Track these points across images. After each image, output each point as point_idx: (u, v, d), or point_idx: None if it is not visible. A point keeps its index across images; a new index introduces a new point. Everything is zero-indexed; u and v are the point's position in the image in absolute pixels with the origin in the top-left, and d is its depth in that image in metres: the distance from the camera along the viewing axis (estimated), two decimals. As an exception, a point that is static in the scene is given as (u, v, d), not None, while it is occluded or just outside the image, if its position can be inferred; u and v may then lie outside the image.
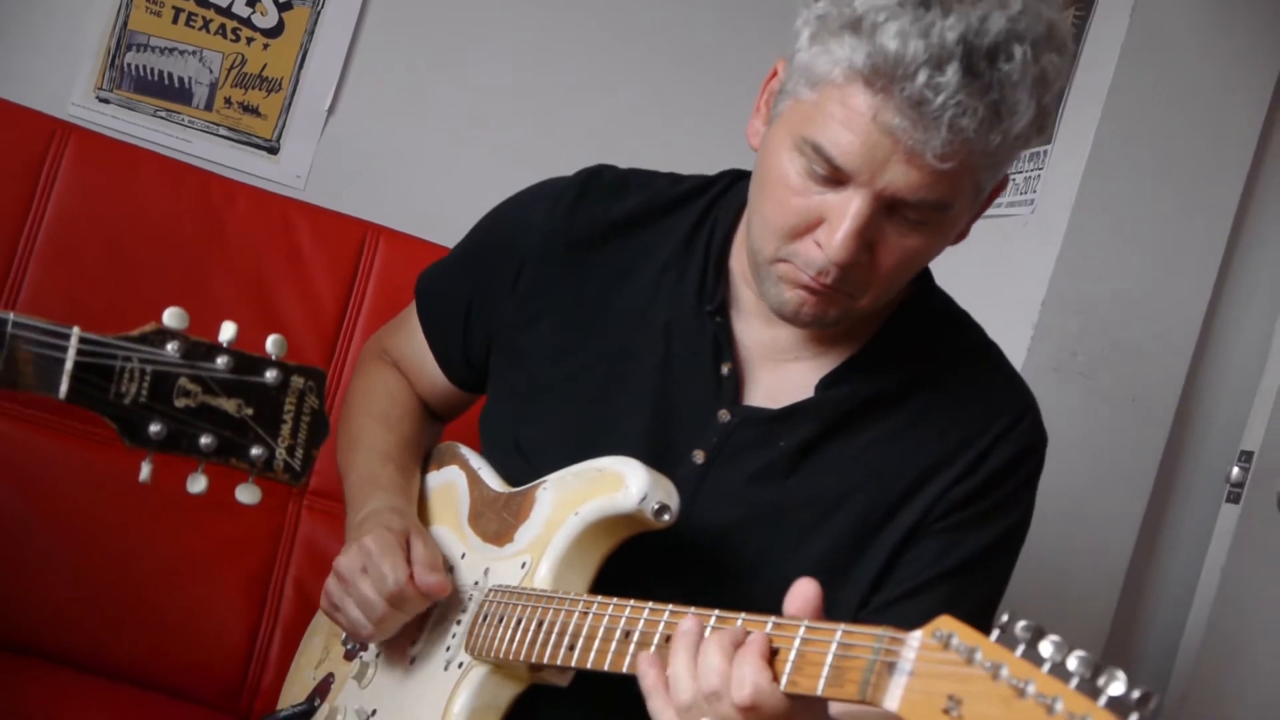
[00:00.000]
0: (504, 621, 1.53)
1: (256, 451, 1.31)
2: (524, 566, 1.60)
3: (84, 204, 2.26)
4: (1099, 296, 2.61)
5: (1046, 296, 2.57)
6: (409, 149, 2.75)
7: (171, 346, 1.27)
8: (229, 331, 1.30)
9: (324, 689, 1.84)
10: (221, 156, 2.63)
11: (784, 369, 1.68)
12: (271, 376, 1.31)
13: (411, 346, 1.93)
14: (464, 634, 1.62)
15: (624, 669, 1.35)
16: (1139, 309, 2.64)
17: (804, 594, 1.24)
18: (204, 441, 1.29)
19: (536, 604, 1.50)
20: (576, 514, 1.56)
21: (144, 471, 1.28)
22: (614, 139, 2.81)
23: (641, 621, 1.35)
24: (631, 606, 1.38)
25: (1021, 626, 0.99)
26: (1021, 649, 0.98)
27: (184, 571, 2.21)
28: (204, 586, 2.22)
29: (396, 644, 1.70)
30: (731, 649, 1.22)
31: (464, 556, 1.72)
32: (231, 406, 1.30)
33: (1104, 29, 2.60)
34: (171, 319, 1.28)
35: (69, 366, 1.23)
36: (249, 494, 1.34)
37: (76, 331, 1.24)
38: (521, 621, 1.50)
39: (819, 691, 1.15)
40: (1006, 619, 1.00)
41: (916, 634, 1.07)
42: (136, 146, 2.47)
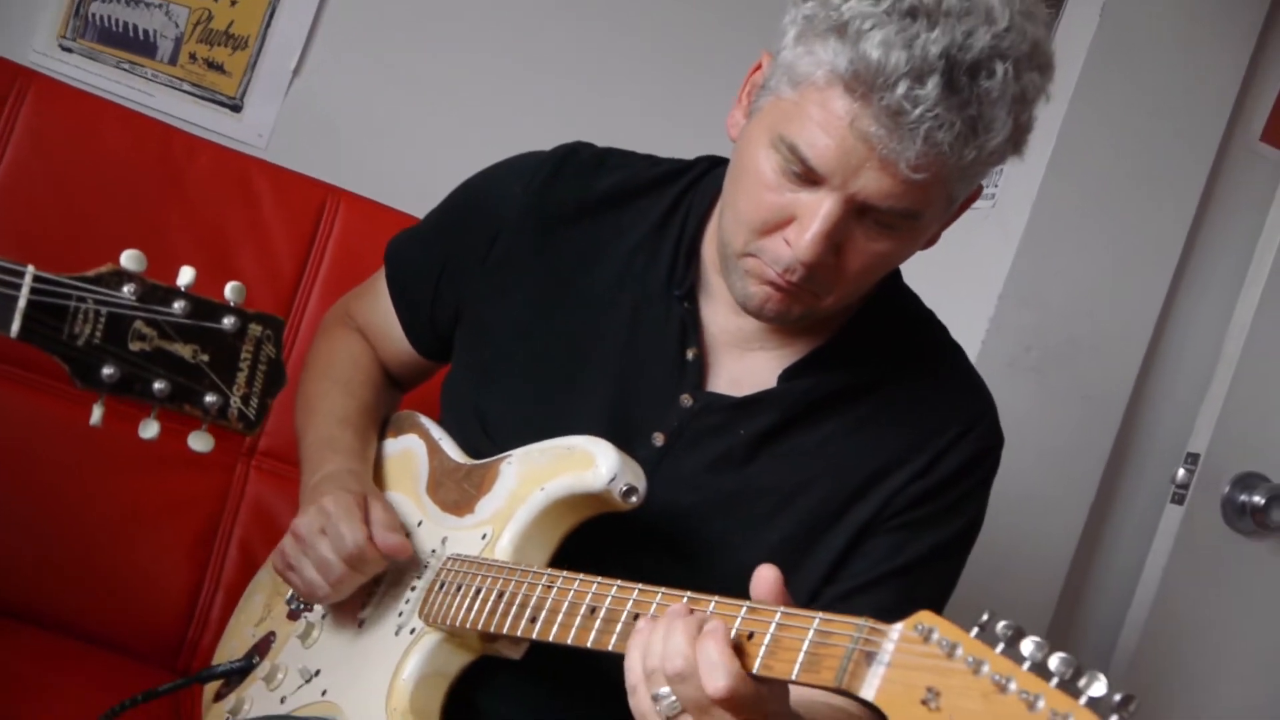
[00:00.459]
0: (462, 590, 1.52)
1: (211, 399, 1.29)
2: (485, 538, 1.59)
3: (42, 152, 2.20)
4: (1055, 294, 2.62)
5: (1003, 291, 2.59)
6: (373, 115, 2.71)
7: (128, 289, 1.24)
8: (187, 276, 1.27)
9: (264, 647, 1.81)
10: (184, 112, 2.56)
11: (748, 358, 1.68)
12: (229, 323, 1.28)
13: (378, 312, 1.92)
14: (418, 600, 1.60)
15: (588, 644, 1.34)
16: (1094, 308, 2.65)
17: (765, 579, 1.23)
18: (158, 386, 1.26)
19: (498, 575, 1.49)
20: (543, 489, 1.56)
21: (95, 414, 1.26)
22: (583, 116, 2.77)
23: (608, 599, 1.34)
24: (599, 583, 1.37)
25: (1002, 625, 0.99)
26: (1001, 647, 0.99)
27: (129, 527, 2.16)
28: (148, 543, 2.17)
29: (345, 606, 1.68)
30: (696, 633, 1.20)
31: (420, 524, 1.70)
32: (187, 352, 1.26)
33: (1072, 29, 2.60)
34: (129, 261, 1.25)
35: (22, 304, 1.20)
36: (202, 441, 1.31)
37: (31, 270, 1.21)
38: (481, 591, 1.49)
39: (793, 676, 1.14)
40: (987, 618, 1.01)
41: (897, 626, 1.07)
42: (98, 97, 2.41)
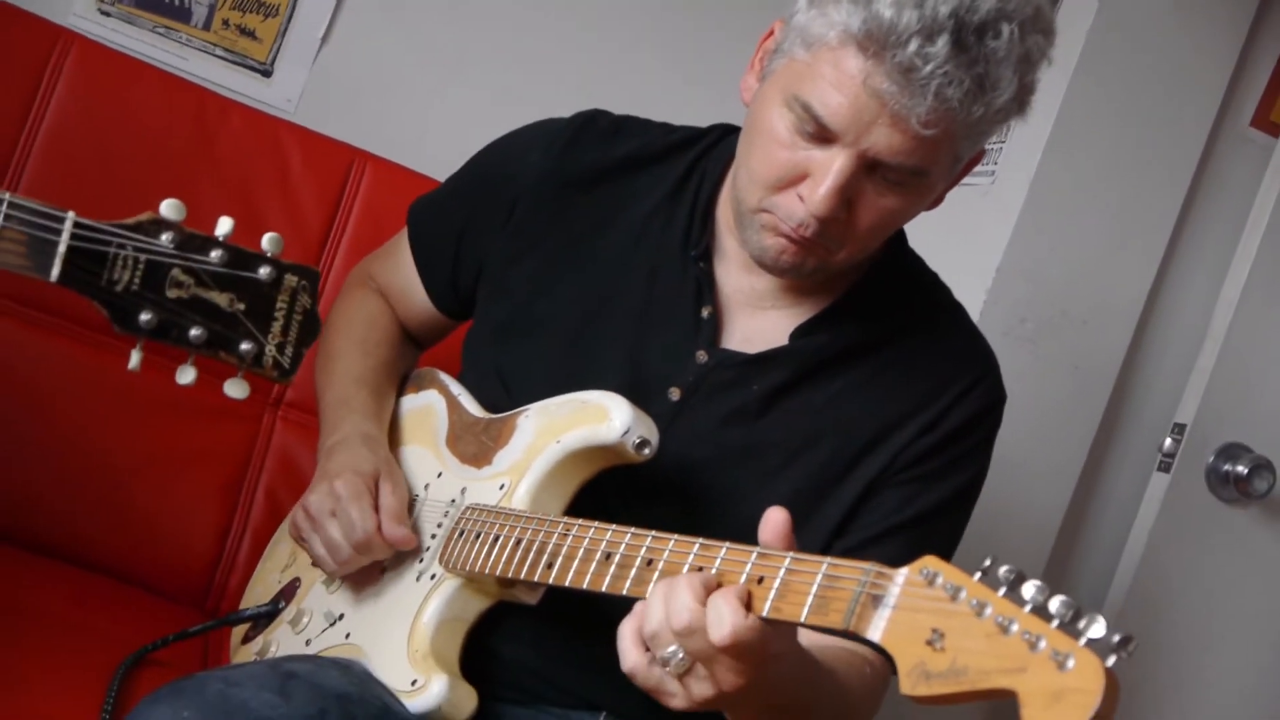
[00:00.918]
0: (481, 538, 1.53)
1: (246, 346, 1.29)
2: (502, 488, 1.59)
3: (82, 111, 2.21)
4: (1051, 268, 2.62)
5: (1001, 264, 2.59)
6: (398, 82, 2.72)
7: (166, 237, 1.24)
8: (225, 226, 1.27)
9: (289, 592, 1.83)
10: (216, 76, 2.57)
11: (761, 316, 1.69)
12: (265, 273, 1.28)
13: (399, 272, 1.92)
14: (438, 548, 1.61)
15: (602, 588, 1.35)
16: (1088, 283, 2.65)
17: (775, 521, 1.24)
18: (194, 333, 1.26)
19: (515, 523, 1.50)
20: (558, 442, 1.56)
21: (133, 359, 1.26)
22: (605, 85, 2.77)
23: (623, 545, 1.35)
24: (614, 530, 1.38)
25: (1004, 570, 1.00)
26: (1003, 590, 1.00)
27: (160, 472, 2.18)
28: (178, 488, 2.19)
29: None
30: (704, 591, 1.21)
31: (440, 475, 1.71)
32: (223, 300, 1.27)
33: (1072, 13, 2.60)
34: (168, 210, 1.25)
35: (62, 249, 1.20)
36: (237, 388, 1.31)
37: (71, 215, 1.21)
38: (499, 539, 1.50)
39: (802, 618, 1.15)
40: (990, 563, 1.02)
41: (903, 570, 1.08)
42: (136, 59, 2.42)
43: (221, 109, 2.32)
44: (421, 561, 1.62)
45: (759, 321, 1.68)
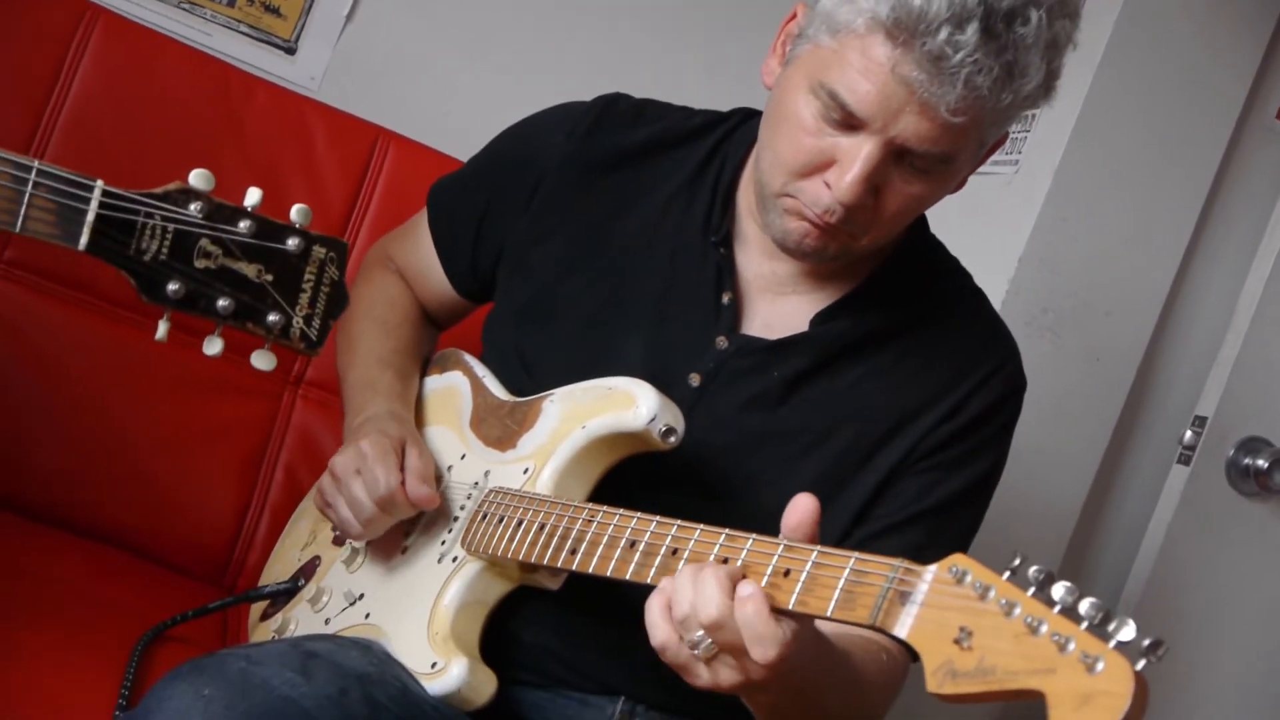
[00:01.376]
0: (504, 522, 1.52)
1: (274, 318, 1.27)
2: (526, 472, 1.59)
3: (107, 86, 2.21)
4: (1073, 258, 2.61)
5: (1023, 254, 2.58)
6: (422, 61, 2.71)
7: (195, 207, 1.23)
8: (254, 197, 1.26)
9: (309, 570, 1.82)
10: (240, 52, 2.56)
11: (781, 301, 1.68)
12: (293, 244, 1.27)
13: (419, 254, 1.91)
14: (461, 530, 1.61)
15: (626, 576, 1.35)
16: (1110, 274, 2.64)
17: (804, 508, 1.23)
18: (221, 304, 1.25)
19: (539, 508, 1.49)
20: (584, 428, 1.55)
21: (160, 329, 1.25)
22: (626, 67, 2.77)
23: (648, 533, 1.35)
24: (639, 518, 1.37)
25: (1034, 570, 1.00)
26: (1032, 591, 0.99)
27: (180, 448, 2.18)
28: (198, 464, 2.19)
29: (390, 533, 1.68)
30: (730, 584, 1.21)
31: (464, 457, 1.70)
32: (251, 271, 1.25)
33: (1100, 4, 2.57)
34: (197, 180, 1.24)
35: (90, 218, 1.19)
36: (264, 360, 1.30)
37: (100, 184, 1.20)
38: (523, 523, 1.49)
39: (829, 613, 1.14)
40: (1019, 562, 1.01)
41: (931, 567, 1.07)
42: (161, 33, 2.41)
43: (246, 86, 2.32)
44: (444, 544, 1.62)
45: (780, 307, 1.67)
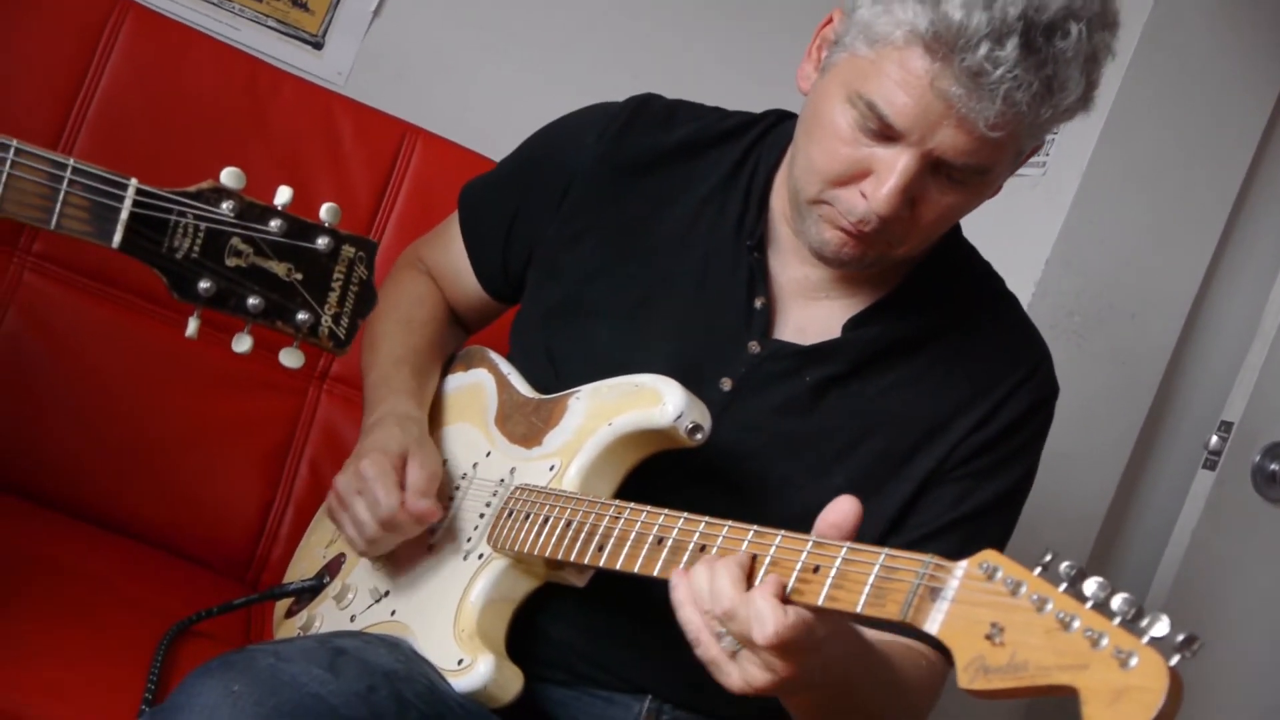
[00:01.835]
0: (530, 519, 1.52)
1: (303, 316, 1.28)
2: (552, 469, 1.59)
3: (136, 79, 2.22)
4: (1100, 261, 2.61)
5: (1050, 257, 2.58)
6: (449, 57, 2.71)
7: (226, 205, 1.24)
8: (284, 196, 1.26)
9: (334, 567, 1.82)
10: (267, 47, 2.57)
11: (814, 306, 1.67)
12: (323, 243, 1.27)
13: (449, 255, 1.92)
14: (487, 527, 1.61)
15: (654, 573, 1.34)
16: (1137, 277, 2.64)
17: (845, 510, 1.22)
18: (252, 302, 1.25)
19: (566, 505, 1.49)
20: (610, 425, 1.55)
21: (191, 327, 1.26)
22: (656, 66, 2.77)
23: (676, 530, 1.35)
24: (666, 515, 1.37)
25: (1065, 566, 0.99)
26: (1064, 586, 0.99)
27: (204, 443, 2.19)
28: (223, 459, 2.20)
29: None
30: (740, 573, 1.21)
31: (489, 454, 1.70)
32: (281, 270, 1.26)
33: (1129, 8, 2.54)
34: (229, 178, 1.24)
35: (124, 216, 1.20)
36: (293, 358, 1.31)
37: (134, 183, 1.21)
38: (549, 520, 1.49)
39: (859, 608, 1.13)
40: (1050, 558, 1.01)
41: (962, 563, 1.07)
42: (189, 27, 2.42)
43: (273, 80, 2.32)
44: (470, 540, 1.62)
45: (812, 312, 1.67)
